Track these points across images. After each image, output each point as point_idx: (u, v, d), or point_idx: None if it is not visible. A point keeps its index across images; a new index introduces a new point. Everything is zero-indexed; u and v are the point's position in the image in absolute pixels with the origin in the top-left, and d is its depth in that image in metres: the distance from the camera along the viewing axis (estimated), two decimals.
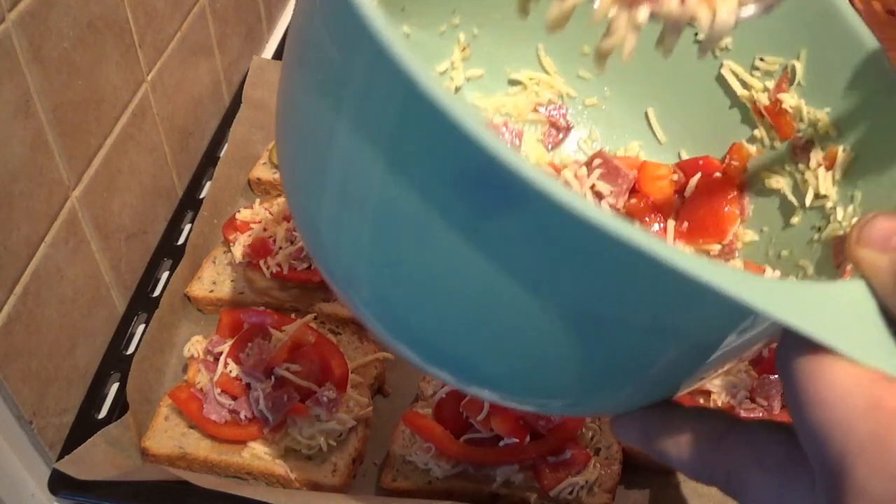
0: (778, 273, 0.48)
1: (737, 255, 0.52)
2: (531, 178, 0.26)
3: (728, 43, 0.52)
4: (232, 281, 0.79)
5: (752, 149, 0.52)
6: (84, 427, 0.68)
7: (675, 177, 0.55)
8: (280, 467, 0.64)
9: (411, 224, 0.31)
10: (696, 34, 0.53)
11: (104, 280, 0.74)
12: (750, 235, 0.52)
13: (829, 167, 0.47)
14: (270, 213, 0.80)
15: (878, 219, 0.31)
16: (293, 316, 0.73)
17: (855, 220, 0.43)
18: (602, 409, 0.41)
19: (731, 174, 0.53)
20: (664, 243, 0.26)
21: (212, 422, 0.66)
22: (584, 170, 0.57)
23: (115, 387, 0.72)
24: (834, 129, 0.47)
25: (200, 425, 0.67)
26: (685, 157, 0.57)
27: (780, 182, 0.51)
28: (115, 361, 0.73)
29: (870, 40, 0.45)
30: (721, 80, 0.54)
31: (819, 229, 0.47)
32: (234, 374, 0.67)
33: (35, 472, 0.64)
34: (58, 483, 0.64)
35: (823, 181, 0.47)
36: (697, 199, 0.54)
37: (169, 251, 0.82)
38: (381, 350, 0.71)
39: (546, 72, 0.60)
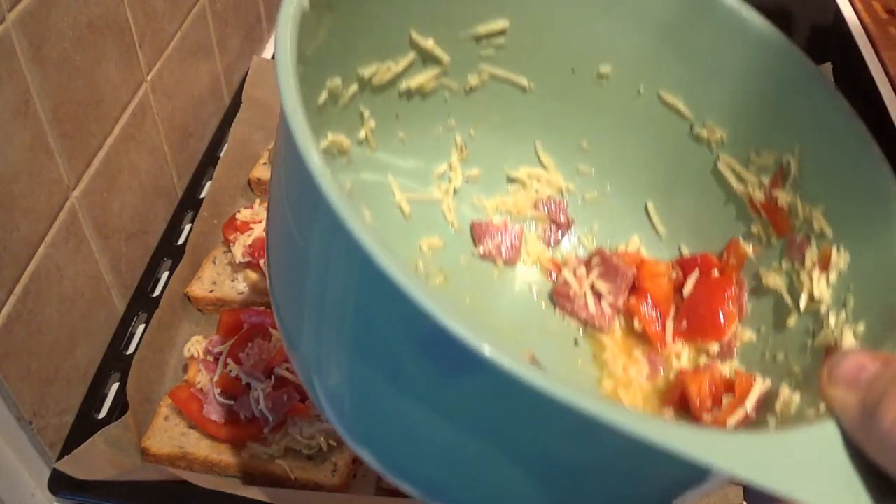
0: (769, 382, 0.46)
1: (735, 355, 0.51)
2: (476, 346, 0.27)
3: (724, 136, 0.52)
4: (232, 281, 0.79)
5: (749, 248, 0.51)
6: (84, 427, 0.68)
7: (674, 274, 0.55)
8: (280, 467, 0.64)
9: (375, 375, 0.33)
10: (692, 127, 0.53)
11: (104, 280, 0.74)
12: (748, 335, 0.51)
13: (824, 268, 0.46)
14: None
15: (848, 357, 0.31)
16: None
17: (847, 327, 0.42)
18: None
19: (729, 272, 0.52)
20: (616, 408, 0.27)
21: (212, 422, 0.66)
22: (583, 269, 0.57)
23: (115, 387, 0.72)
24: (829, 227, 0.46)
25: (200, 425, 0.67)
26: (685, 250, 0.56)
27: (776, 281, 0.49)
28: (115, 361, 0.73)
29: (867, 138, 0.44)
30: (718, 173, 0.53)
31: (813, 334, 0.45)
32: (234, 374, 0.67)
33: (35, 472, 0.64)
34: (58, 483, 0.64)
35: (817, 283, 0.46)
36: (696, 297, 0.53)
37: (169, 251, 0.82)
38: None
39: (545, 168, 0.60)
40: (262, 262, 0.76)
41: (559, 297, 0.57)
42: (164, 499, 0.63)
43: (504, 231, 0.59)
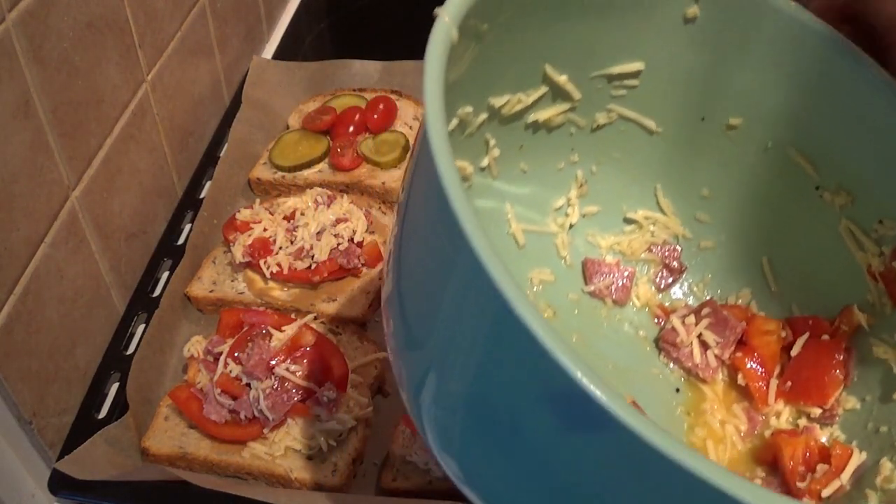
0: (866, 456, 0.46)
1: (836, 421, 0.51)
2: (611, 407, 0.27)
3: (849, 201, 0.51)
4: (232, 281, 0.79)
5: (863, 318, 0.51)
6: (84, 427, 0.68)
7: (784, 334, 0.54)
8: (280, 467, 0.64)
9: (494, 418, 0.33)
10: (818, 188, 0.52)
11: (104, 280, 0.74)
12: (852, 403, 0.50)
13: None
14: (270, 213, 0.80)
15: None
16: (293, 316, 0.73)
17: None
18: None
19: (840, 338, 0.52)
20: (755, 489, 0.26)
21: (212, 422, 0.66)
22: (692, 317, 0.56)
23: (115, 387, 0.72)
24: None
25: (200, 425, 0.67)
26: (796, 310, 0.56)
27: (887, 353, 0.49)
28: (115, 361, 0.73)
29: None
30: (838, 237, 0.52)
31: None
32: (234, 374, 0.67)
33: (35, 472, 0.64)
34: (58, 483, 0.64)
35: None
36: (803, 359, 0.53)
37: (169, 251, 0.82)
38: (381, 350, 0.72)
39: (663, 212, 0.59)
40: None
41: (665, 344, 0.56)
42: (164, 499, 0.63)
43: (616, 271, 0.59)
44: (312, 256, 0.76)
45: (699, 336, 0.56)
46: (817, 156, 0.52)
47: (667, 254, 0.60)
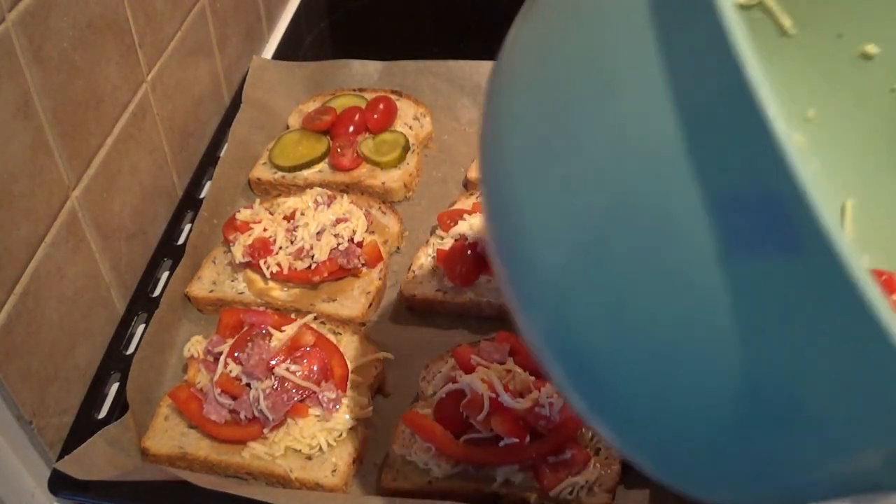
0: None
1: None
2: (825, 227, 0.23)
3: None
4: (232, 281, 0.79)
5: None
6: (84, 427, 0.68)
7: None
8: (280, 467, 0.64)
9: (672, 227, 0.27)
10: None
11: (104, 280, 0.74)
12: None
13: None
14: (270, 213, 0.80)
15: None
16: (293, 316, 0.73)
17: None
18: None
19: None
20: None
21: (212, 422, 0.66)
22: None
23: (115, 387, 0.72)
24: None
25: (200, 425, 0.67)
26: (866, 262, 0.52)
27: None
28: (115, 361, 0.73)
29: None
30: None
31: None
32: (234, 374, 0.67)
33: (35, 472, 0.64)
34: (58, 483, 0.64)
35: None
36: None
37: (169, 251, 0.82)
38: (380, 350, 0.72)
39: None
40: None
41: None
42: (164, 499, 0.63)
43: None
44: (312, 256, 0.76)
45: None
46: None
47: None
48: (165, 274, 0.80)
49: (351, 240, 0.77)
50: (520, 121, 0.33)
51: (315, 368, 0.67)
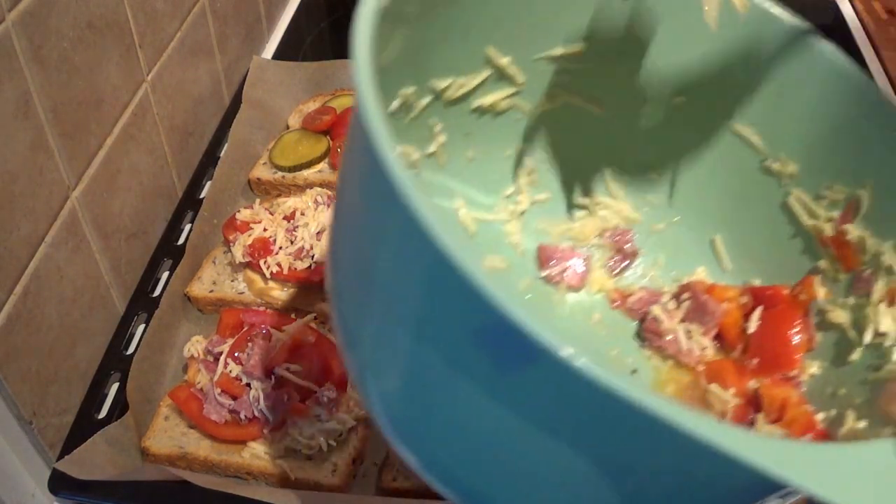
0: (834, 412, 0.46)
1: (803, 387, 0.50)
2: (543, 339, 0.27)
3: (796, 170, 0.51)
4: (232, 281, 0.79)
5: (822, 291, 0.50)
6: (84, 427, 0.68)
7: (744, 300, 0.54)
8: (280, 467, 0.64)
9: (435, 365, 0.33)
10: (764, 161, 0.52)
11: (104, 280, 0.74)
12: (814, 368, 0.50)
13: (892, 303, 0.45)
14: (270, 213, 0.80)
15: None
16: (293, 316, 0.73)
17: None
18: None
19: (798, 305, 0.52)
20: (681, 409, 0.26)
21: (212, 422, 0.66)
22: (673, 303, 0.56)
23: (115, 387, 0.72)
24: None
25: (200, 425, 0.67)
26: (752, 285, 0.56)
27: (841, 316, 0.49)
28: (115, 361, 0.73)
29: None
30: (788, 208, 0.52)
31: (876, 368, 0.45)
32: (234, 374, 0.67)
33: (35, 472, 0.64)
34: (58, 483, 0.64)
35: (884, 317, 0.45)
36: (765, 330, 0.53)
37: (169, 251, 0.82)
38: None
39: (613, 197, 0.59)
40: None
41: (648, 333, 0.56)
42: (164, 499, 0.63)
43: (571, 256, 0.59)
44: (312, 256, 0.76)
45: (681, 321, 0.55)
46: (762, 127, 0.52)
47: (619, 238, 0.60)
48: (165, 274, 0.80)
49: None
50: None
51: (315, 368, 0.67)
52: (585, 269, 0.59)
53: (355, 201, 0.37)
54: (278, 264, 0.76)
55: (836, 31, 1.10)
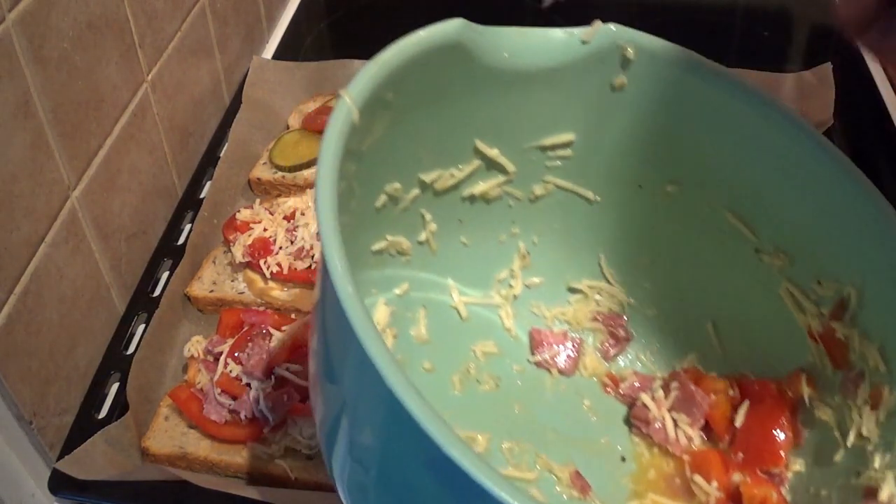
0: None
1: (787, 485, 0.50)
2: (478, 474, 0.29)
3: (787, 263, 0.51)
4: (232, 281, 0.79)
5: (808, 391, 0.50)
6: (84, 427, 0.68)
7: (732, 392, 0.54)
8: (280, 467, 0.64)
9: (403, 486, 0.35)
10: (757, 251, 0.52)
11: (104, 280, 0.74)
12: (798, 465, 0.50)
13: (875, 406, 0.44)
14: (270, 213, 0.80)
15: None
16: (293, 316, 0.73)
17: (890, 472, 0.41)
18: None
19: (786, 401, 0.51)
20: None
21: (212, 422, 0.66)
22: (661, 392, 0.56)
23: (115, 387, 0.72)
24: (883, 365, 0.44)
25: (200, 425, 0.67)
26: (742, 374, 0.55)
27: (827, 414, 0.48)
28: (115, 361, 0.73)
29: None
30: (779, 300, 0.52)
31: (858, 473, 0.44)
32: (234, 374, 0.67)
33: (35, 472, 0.64)
34: (58, 483, 0.64)
35: (867, 421, 0.44)
36: (751, 424, 0.53)
37: (169, 251, 0.82)
38: None
39: (607, 281, 0.59)
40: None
41: (637, 420, 0.56)
42: (164, 499, 0.63)
43: (563, 341, 0.59)
44: (312, 256, 0.76)
45: (669, 410, 0.55)
46: (754, 218, 0.52)
47: (612, 322, 0.60)
48: (165, 274, 0.80)
49: None
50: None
51: None
52: (577, 355, 0.59)
53: (333, 331, 0.38)
54: (278, 264, 0.76)
55: (836, 31, 1.10)
